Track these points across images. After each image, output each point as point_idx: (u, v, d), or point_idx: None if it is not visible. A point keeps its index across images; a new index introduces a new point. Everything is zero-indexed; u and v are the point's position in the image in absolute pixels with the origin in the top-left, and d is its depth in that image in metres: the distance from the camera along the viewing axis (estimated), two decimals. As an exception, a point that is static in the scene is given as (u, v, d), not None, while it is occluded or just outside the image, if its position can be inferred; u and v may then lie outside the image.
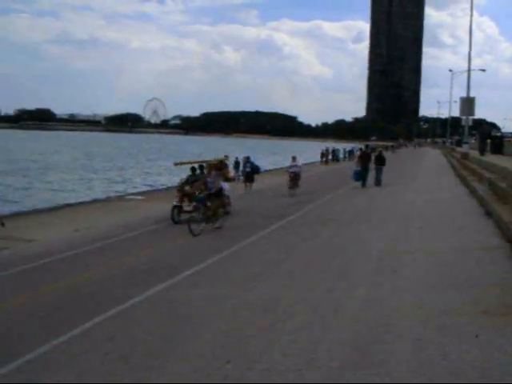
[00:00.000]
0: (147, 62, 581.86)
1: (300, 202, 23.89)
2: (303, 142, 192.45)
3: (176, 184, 21.39)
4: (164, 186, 37.17)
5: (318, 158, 66.99)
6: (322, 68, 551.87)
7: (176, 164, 22.33)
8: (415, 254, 11.98)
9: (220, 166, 20.71)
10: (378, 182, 30.79)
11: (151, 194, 33.05)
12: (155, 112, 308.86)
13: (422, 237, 14.18)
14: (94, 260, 13.18)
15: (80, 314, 8.69)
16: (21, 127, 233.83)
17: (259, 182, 31.86)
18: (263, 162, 55.40)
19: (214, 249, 13.74)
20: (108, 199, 30.94)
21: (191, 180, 20.09)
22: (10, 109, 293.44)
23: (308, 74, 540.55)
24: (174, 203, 19.15)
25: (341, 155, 75.56)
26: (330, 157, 67.65)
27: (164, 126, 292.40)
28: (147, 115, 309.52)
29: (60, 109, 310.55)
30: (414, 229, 15.32)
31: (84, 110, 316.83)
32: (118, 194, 33.51)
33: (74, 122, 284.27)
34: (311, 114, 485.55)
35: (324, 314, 8.44)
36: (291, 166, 28.43)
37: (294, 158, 29.38)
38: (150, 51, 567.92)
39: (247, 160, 32.15)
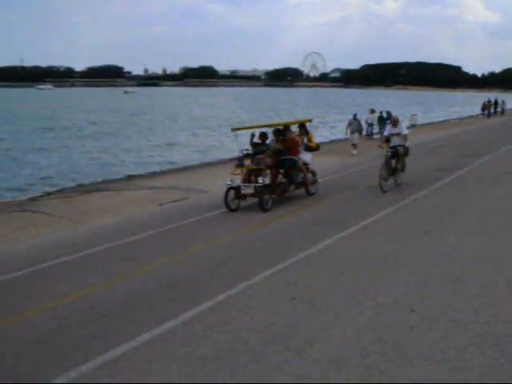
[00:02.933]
0: (305, 16, 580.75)
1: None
2: (467, 93, 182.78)
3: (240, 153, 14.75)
4: (327, 139, 36.65)
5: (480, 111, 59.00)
6: (489, 13, 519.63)
7: (234, 129, 15.36)
8: None
9: (294, 132, 15.83)
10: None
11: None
12: (314, 66, 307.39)
13: None
14: (266, 212, 13.61)
15: (259, 264, 9.17)
16: (185, 85, 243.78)
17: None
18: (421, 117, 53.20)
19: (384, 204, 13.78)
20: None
21: (256, 151, 14.51)
22: (175, 67, 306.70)
23: (473, 20, 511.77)
24: (229, 183, 13.72)
25: (506, 107, 63.47)
26: (492, 109, 58.35)
27: (323, 79, 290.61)
28: (306, 69, 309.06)
29: (222, 66, 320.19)
30: None
31: (244, 65, 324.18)
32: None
33: (235, 78, 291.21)
34: (477, 64, 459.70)
35: (508, 267, 8.25)
36: (390, 136, 16.36)
37: (394, 122, 16.61)
38: (307, 4, 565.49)
39: (389, 115, 27.39)
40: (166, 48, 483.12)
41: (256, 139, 14.90)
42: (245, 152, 14.59)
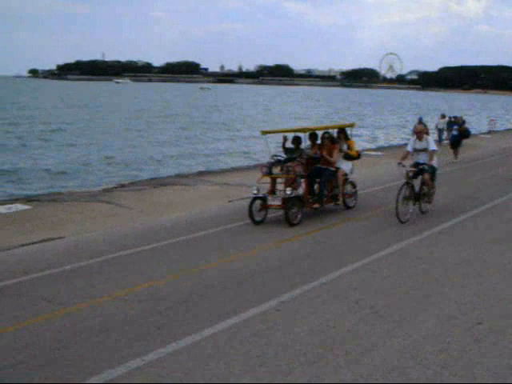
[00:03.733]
0: (383, 16, 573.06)
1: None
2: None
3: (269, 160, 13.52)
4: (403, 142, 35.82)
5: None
6: None
7: (264, 132, 13.45)
8: None
9: (335, 137, 13.83)
10: None
11: (389, 149, 31.64)
12: (391, 67, 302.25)
13: None
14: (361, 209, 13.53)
15: (325, 265, 9.16)
16: (260, 83, 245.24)
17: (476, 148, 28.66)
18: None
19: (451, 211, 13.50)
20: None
21: (286, 158, 13.23)
22: (251, 65, 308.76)
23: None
24: (254, 192, 12.23)
25: None
26: None
27: (400, 81, 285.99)
28: (383, 70, 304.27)
29: (297, 64, 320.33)
30: None
31: (320, 65, 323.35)
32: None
33: (310, 78, 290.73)
34: None
35: None
36: (415, 152, 12.81)
37: (419, 133, 12.78)
38: (385, 4, 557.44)
39: (456, 120, 27.08)
40: (242, 45, 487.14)
41: (289, 144, 13.47)
42: (275, 158, 13.25)
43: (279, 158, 13.27)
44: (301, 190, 12.54)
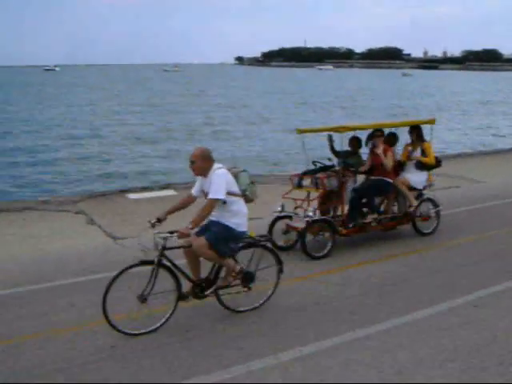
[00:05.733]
0: None
1: None
2: None
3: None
4: None
5: None
6: None
7: (300, 131, 10.34)
8: None
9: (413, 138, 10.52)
10: None
11: None
12: None
13: None
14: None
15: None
16: (466, 68, 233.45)
17: None
18: None
19: None
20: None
21: (322, 166, 10.24)
22: (456, 50, 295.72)
23: None
24: (278, 209, 9.55)
25: None
26: None
27: None
28: None
29: (507, 49, 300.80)
30: None
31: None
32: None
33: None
34: None
35: None
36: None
37: (193, 166, 6.46)
38: None
39: None
40: (447, 30, 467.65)
41: (338, 146, 10.13)
42: (316, 165, 10.33)
43: (320, 165, 10.34)
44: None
